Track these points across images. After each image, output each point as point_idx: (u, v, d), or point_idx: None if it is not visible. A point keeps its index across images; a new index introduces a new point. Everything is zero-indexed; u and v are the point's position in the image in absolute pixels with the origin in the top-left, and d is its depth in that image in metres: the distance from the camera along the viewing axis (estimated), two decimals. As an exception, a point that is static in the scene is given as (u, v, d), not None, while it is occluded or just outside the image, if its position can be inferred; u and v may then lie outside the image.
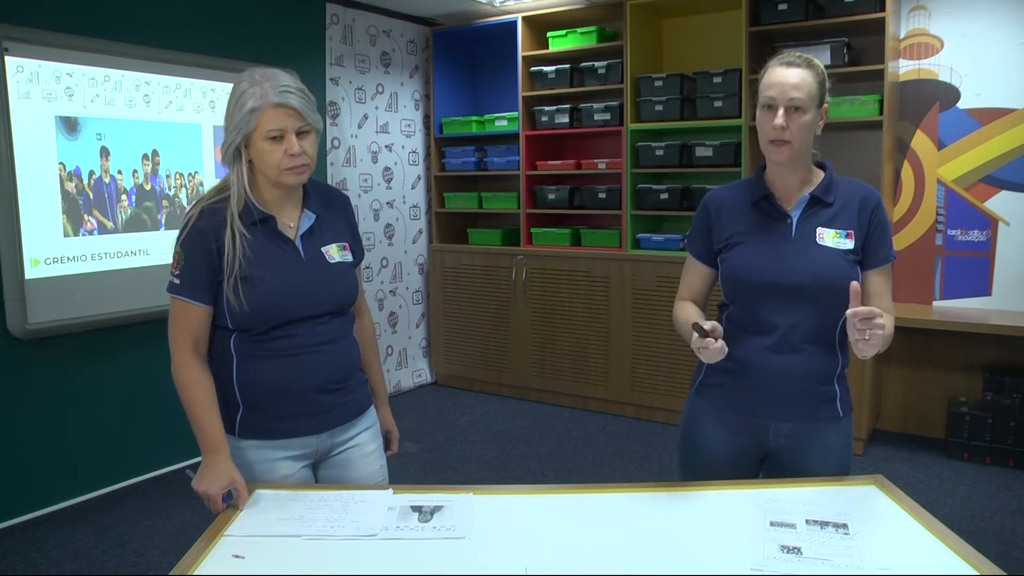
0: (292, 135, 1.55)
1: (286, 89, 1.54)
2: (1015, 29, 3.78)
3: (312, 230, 1.68)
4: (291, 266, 1.62)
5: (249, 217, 1.59)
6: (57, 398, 3.31)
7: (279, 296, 1.59)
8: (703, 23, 4.52)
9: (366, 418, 1.79)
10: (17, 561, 2.89)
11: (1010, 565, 2.75)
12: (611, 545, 1.37)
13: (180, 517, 3.25)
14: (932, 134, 4.03)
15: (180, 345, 1.60)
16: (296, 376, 1.62)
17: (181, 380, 1.59)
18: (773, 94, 1.59)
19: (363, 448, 1.77)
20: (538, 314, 4.82)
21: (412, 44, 5.16)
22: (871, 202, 1.66)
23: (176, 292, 1.59)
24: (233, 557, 1.34)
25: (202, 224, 1.57)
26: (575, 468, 3.80)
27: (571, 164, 4.75)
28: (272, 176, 1.58)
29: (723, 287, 1.75)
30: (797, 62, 1.60)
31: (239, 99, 1.55)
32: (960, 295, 4.03)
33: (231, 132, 1.56)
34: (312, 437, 1.68)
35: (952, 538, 1.36)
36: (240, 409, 1.63)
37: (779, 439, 1.70)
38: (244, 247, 1.57)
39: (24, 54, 3.09)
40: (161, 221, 3.65)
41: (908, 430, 4.17)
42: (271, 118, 1.53)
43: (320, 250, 1.67)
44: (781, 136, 1.58)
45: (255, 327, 1.60)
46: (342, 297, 1.70)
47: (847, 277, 1.58)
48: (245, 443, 1.64)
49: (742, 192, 1.74)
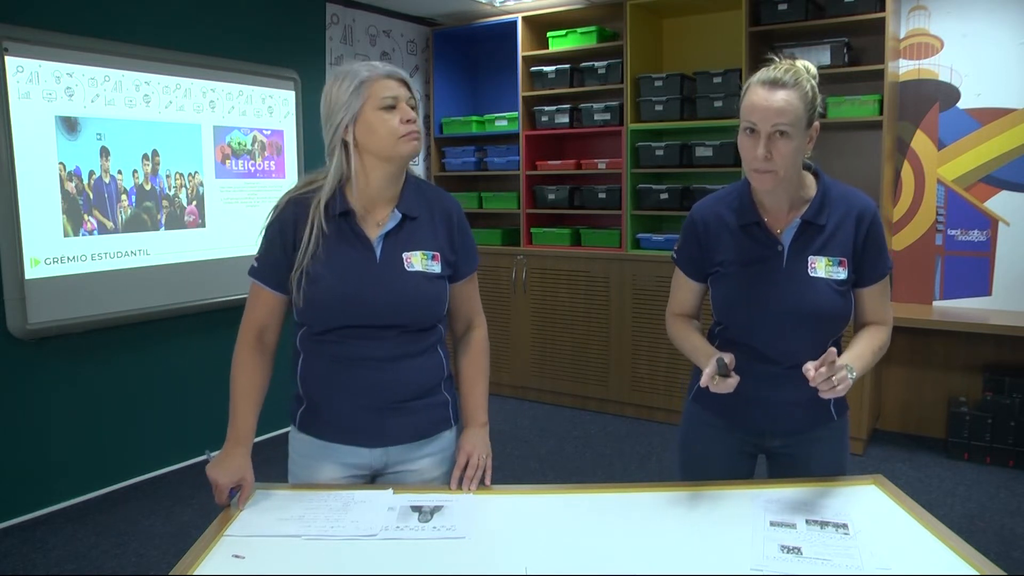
0: (404, 104, 1.53)
1: (388, 64, 1.55)
2: (1015, 29, 3.78)
3: (398, 231, 1.57)
4: (360, 268, 1.53)
5: (332, 209, 1.54)
6: (57, 398, 3.31)
7: (336, 298, 1.52)
8: (703, 23, 4.52)
9: (435, 442, 1.64)
10: (17, 561, 2.89)
11: (1010, 565, 2.75)
12: (611, 545, 1.37)
13: (180, 517, 3.25)
14: (932, 134, 4.03)
15: (246, 330, 1.59)
16: (348, 387, 1.56)
17: (235, 363, 1.58)
18: (755, 120, 1.48)
19: (423, 474, 1.64)
20: (538, 314, 4.82)
21: (412, 44, 5.16)
22: (866, 218, 1.58)
23: (253, 275, 1.58)
24: (233, 557, 1.34)
25: (287, 214, 1.55)
26: (575, 468, 3.80)
27: (571, 164, 4.75)
28: (387, 148, 1.51)
29: (713, 309, 1.71)
30: (783, 80, 1.47)
31: (342, 82, 1.51)
32: (960, 295, 4.03)
33: (337, 113, 1.51)
34: (363, 449, 1.60)
35: (952, 538, 1.36)
36: (303, 404, 1.63)
37: (775, 441, 1.72)
38: (319, 241, 1.52)
39: (24, 54, 3.09)
40: (161, 221, 3.65)
41: (908, 430, 4.17)
42: (384, 87, 1.51)
43: (400, 255, 1.56)
44: (765, 166, 1.49)
45: (312, 325, 1.57)
46: (413, 312, 1.56)
47: (840, 310, 1.59)
48: (302, 437, 1.63)
49: (729, 210, 1.65)
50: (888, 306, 1.68)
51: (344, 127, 1.52)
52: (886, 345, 1.64)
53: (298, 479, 1.65)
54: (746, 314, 1.62)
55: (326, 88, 1.56)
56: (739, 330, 1.66)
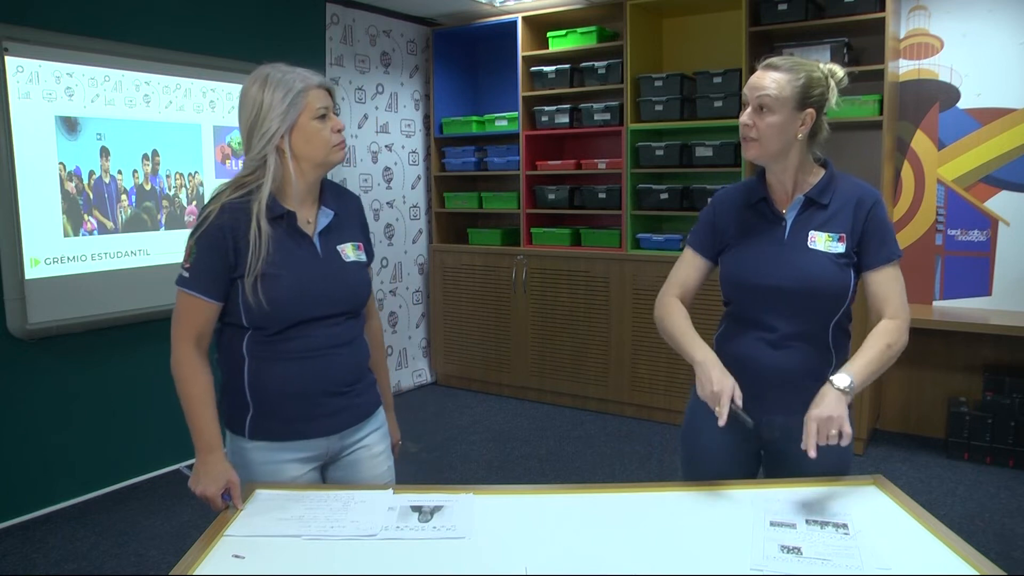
0: (332, 113, 1.61)
1: (317, 74, 1.62)
2: (1015, 29, 3.78)
3: (329, 228, 1.67)
4: (309, 264, 1.62)
5: (269, 212, 1.57)
6: (57, 398, 3.31)
7: (297, 294, 1.58)
8: (703, 23, 4.52)
9: (375, 419, 1.78)
10: (17, 561, 2.89)
11: (1010, 565, 2.75)
12: (611, 545, 1.37)
13: (180, 517, 3.25)
14: (932, 134, 4.03)
15: (183, 339, 1.58)
16: (309, 378, 1.62)
17: (181, 375, 1.58)
18: (746, 92, 1.65)
19: (371, 449, 1.76)
20: (538, 314, 4.82)
21: (412, 44, 5.16)
22: (867, 202, 1.66)
23: (185, 286, 1.57)
24: (233, 557, 1.34)
25: (223, 220, 1.55)
26: (575, 468, 3.80)
27: (571, 164, 4.75)
28: (321, 156, 1.60)
29: (722, 287, 1.78)
30: (779, 64, 1.62)
31: (274, 90, 1.55)
32: (960, 295, 4.04)
33: (271, 121, 1.54)
34: (322, 439, 1.67)
35: (952, 538, 1.36)
36: (251, 410, 1.62)
37: (773, 431, 1.71)
38: (268, 244, 1.55)
39: (24, 54, 3.09)
40: (161, 221, 3.66)
41: (908, 430, 4.17)
42: (317, 97, 1.59)
43: (336, 249, 1.67)
44: (747, 133, 1.63)
45: (270, 326, 1.58)
46: (357, 297, 1.70)
47: (835, 281, 1.63)
48: (254, 444, 1.63)
49: (742, 193, 1.77)
50: (903, 299, 1.67)
51: (280, 136, 1.56)
52: (899, 343, 1.63)
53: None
54: (750, 284, 1.69)
55: (251, 92, 1.57)
56: (744, 303, 1.73)
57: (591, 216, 4.85)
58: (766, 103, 1.60)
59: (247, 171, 1.60)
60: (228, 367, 1.64)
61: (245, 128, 1.59)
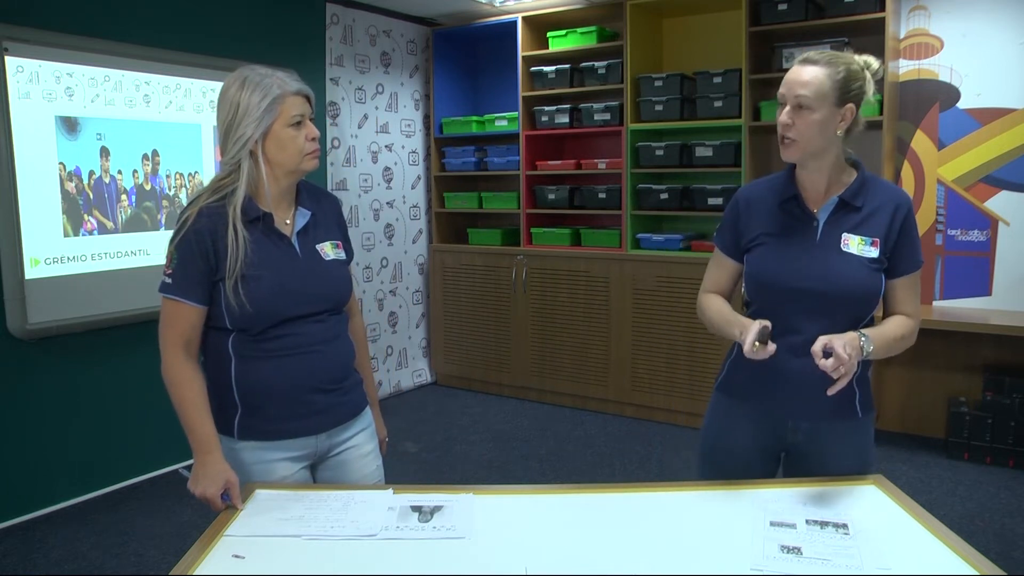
0: (308, 120, 1.61)
1: (296, 79, 1.62)
2: (1015, 29, 3.78)
3: (307, 228, 1.69)
4: (288, 264, 1.63)
5: (246, 215, 1.59)
6: (57, 398, 3.31)
7: (278, 294, 1.60)
8: (703, 23, 4.52)
9: (362, 419, 1.79)
10: (17, 561, 2.89)
11: (1010, 565, 2.75)
12: (611, 545, 1.37)
13: (180, 517, 3.24)
14: (932, 134, 4.03)
15: (171, 345, 1.59)
16: (294, 376, 1.62)
17: (172, 379, 1.59)
18: (783, 91, 1.59)
19: (360, 449, 1.77)
20: (538, 314, 4.82)
21: (412, 44, 5.16)
22: (902, 209, 1.62)
23: (168, 292, 1.58)
24: (233, 557, 1.34)
25: (200, 224, 1.57)
26: (575, 468, 3.80)
27: (571, 164, 4.75)
28: (293, 164, 1.61)
29: (745, 285, 1.73)
30: (815, 59, 1.57)
31: (252, 93, 1.56)
32: (960, 295, 4.04)
33: (247, 125, 1.56)
34: (311, 438, 1.68)
35: (952, 538, 1.36)
36: (238, 411, 1.63)
37: (797, 435, 1.70)
38: (246, 246, 1.57)
39: (24, 54, 3.09)
40: (161, 221, 3.65)
41: (908, 430, 4.17)
42: (293, 104, 1.59)
43: (315, 248, 1.69)
44: (786, 133, 1.58)
45: (253, 327, 1.59)
46: (338, 294, 1.72)
47: (868, 286, 1.60)
48: (243, 444, 1.64)
49: (772, 189, 1.71)
50: (917, 302, 1.68)
51: (254, 141, 1.58)
52: (910, 336, 1.64)
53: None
54: (776, 283, 1.64)
55: (228, 93, 1.59)
56: (770, 304, 1.66)
57: (591, 216, 4.85)
58: (805, 101, 1.54)
59: (223, 174, 1.63)
60: (214, 369, 1.64)
61: (222, 129, 1.61)
